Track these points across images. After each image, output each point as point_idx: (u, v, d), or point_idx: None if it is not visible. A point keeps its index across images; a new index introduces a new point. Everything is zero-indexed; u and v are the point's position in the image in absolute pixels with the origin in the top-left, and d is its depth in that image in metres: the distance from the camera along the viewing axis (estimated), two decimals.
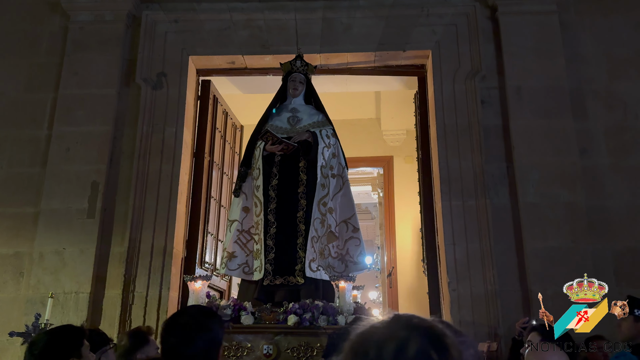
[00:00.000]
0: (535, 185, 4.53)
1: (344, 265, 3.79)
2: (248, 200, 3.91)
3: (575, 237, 4.39)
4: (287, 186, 3.73)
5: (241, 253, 3.83)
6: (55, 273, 4.47)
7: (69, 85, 4.94)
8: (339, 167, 3.98)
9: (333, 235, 3.80)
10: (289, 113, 4.03)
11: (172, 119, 4.82)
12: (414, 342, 0.89)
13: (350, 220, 3.86)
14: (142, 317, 4.37)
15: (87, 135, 4.80)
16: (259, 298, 3.60)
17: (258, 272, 3.68)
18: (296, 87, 4.10)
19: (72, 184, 4.67)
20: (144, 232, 4.55)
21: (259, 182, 3.82)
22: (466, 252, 4.45)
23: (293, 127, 3.93)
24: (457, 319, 4.32)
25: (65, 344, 2.16)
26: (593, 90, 4.85)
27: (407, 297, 6.99)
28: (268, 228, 3.67)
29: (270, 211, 3.69)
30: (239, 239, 3.87)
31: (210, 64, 5.17)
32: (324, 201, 3.74)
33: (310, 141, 3.81)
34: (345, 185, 4.01)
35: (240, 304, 3.41)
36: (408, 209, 7.05)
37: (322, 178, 3.76)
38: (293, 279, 3.58)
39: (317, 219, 3.67)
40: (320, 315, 3.20)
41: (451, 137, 4.73)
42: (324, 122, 4.01)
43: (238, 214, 3.92)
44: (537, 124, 4.68)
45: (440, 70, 4.88)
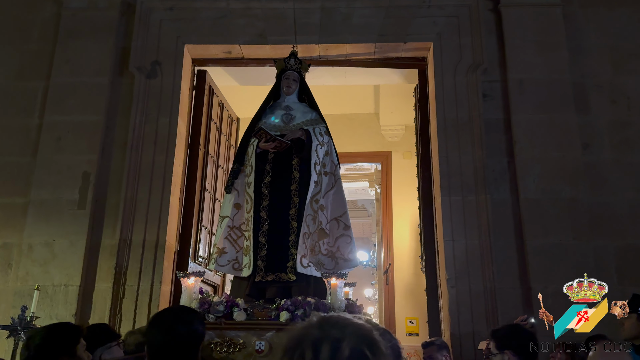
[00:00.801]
0: (536, 181, 4.44)
1: (334, 262, 3.79)
2: (240, 197, 3.90)
3: (576, 233, 4.30)
4: (280, 183, 3.74)
5: (231, 249, 3.83)
6: (45, 265, 4.37)
7: (61, 74, 4.83)
8: (331, 165, 3.98)
9: (324, 232, 3.79)
10: (282, 111, 4.03)
11: (166, 108, 4.71)
12: (348, 342, 0.92)
13: (341, 218, 3.86)
14: (133, 311, 4.26)
15: (79, 124, 4.69)
16: (250, 294, 3.61)
17: (247, 268, 3.68)
18: (290, 85, 4.09)
19: (63, 174, 4.57)
20: (136, 224, 4.45)
21: (250, 179, 3.82)
22: (465, 249, 4.36)
23: (286, 124, 3.94)
24: (455, 316, 4.23)
25: (60, 341, 2.15)
26: (596, 84, 4.76)
27: (403, 295, 6.89)
28: (260, 225, 3.66)
29: (263, 208, 3.69)
30: (229, 235, 3.86)
31: (206, 53, 5.06)
32: (316, 198, 3.75)
33: (304, 139, 3.81)
34: (337, 183, 4.00)
35: (233, 300, 3.40)
36: (406, 205, 6.94)
37: (316, 175, 3.75)
38: (285, 276, 3.60)
39: (309, 216, 3.68)
40: (312, 312, 3.16)
41: (451, 131, 4.63)
42: (317, 120, 4.02)
43: (229, 211, 3.91)
44: (539, 118, 4.59)
45: (441, 62, 4.77)
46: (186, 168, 4.98)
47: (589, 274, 4.20)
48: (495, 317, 4.15)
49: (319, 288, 3.63)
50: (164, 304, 4.42)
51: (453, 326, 4.18)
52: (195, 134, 5.06)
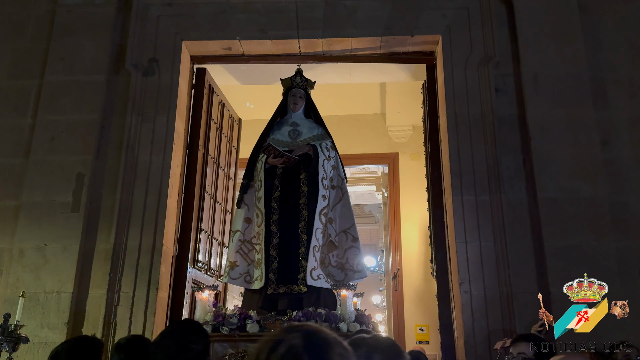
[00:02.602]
0: (553, 179, 4.20)
1: (343, 273, 3.86)
2: (250, 212, 4.00)
3: (597, 234, 4.06)
4: (289, 197, 3.83)
5: (243, 262, 3.92)
6: (36, 271, 4.17)
7: (55, 72, 4.66)
8: (338, 178, 4.07)
9: (333, 244, 3.89)
10: (289, 127, 4.14)
11: (163, 107, 4.51)
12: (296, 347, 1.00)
13: (349, 230, 3.95)
14: (129, 319, 4.05)
15: (73, 124, 4.51)
16: (262, 307, 3.69)
17: (259, 281, 3.75)
18: (296, 102, 4.20)
19: (56, 176, 4.38)
20: (132, 228, 4.24)
21: (260, 194, 3.90)
22: (479, 251, 4.12)
23: (294, 140, 4.05)
24: (469, 322, 3.98)
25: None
26: (614, 78, 4.53)
27: (413, 301, 6.65)
28: (271, 238, 3.75)
29: (273, 222, 3.78)
30: (240, 248, 3.95)
31: (205, 50, 4.87)
32: (325, 212, 3.84)
33: (311, 154, 3.91)
34: (344, 196, 4.08)
35: (246, 313, 3.49)
36: (414, 208, 6.73)
37: (323, 189, 3.85)
38: (296, 288, 3.67)
39: (319, 229, 3.76)
40: (323, 323, 3.27)
41: (463, 128, 4.40)
42: (324, 135, 4.12)
43: (240, 225, 4.02)
44: (555, 114, 4.35)
45: (450, 56, 4.56)
46: (185, 169, 4.78)
47: (612, 277, 4.01)
48: (512, 324, 3.91)
49: (329, 299, 3.70)
50: (161, 311, 4.21)
51: (467, 333, 3.93)
52: (195, 134, 4.86)
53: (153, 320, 4.04)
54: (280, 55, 4.92)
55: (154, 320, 4.04)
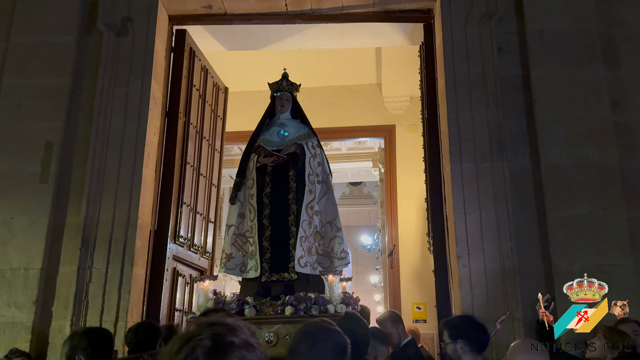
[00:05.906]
0: (560, 144, 3.88)
1: (329, 260, 4.17)
2: (243, 207, 4.25)
3: (607, 203, 3.76)
4: (279, 193, 4.11)
5: (238, 254, 4.18)
6: (2, 246, 3.92)
7: (22, 33, 4.34)
8: (323, 174, 4.33)
9: (319, 234, 4.20)
10: (277, 127, 4.38)
11: (138, 69, 4.19)
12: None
13: (334, 221, 4.25)
14: (101, 297, 3.78)
15: (41, 89, 4.21)
16: (258, 293, 3.92)
17: (254, 270, 3.99)
18: (283, 104, 4.40)
19: (23, 144, 4.09)
20: (104, 199, 3.95)
21: (253, 191, 4.14)
22: (479, 222, 3.83)
23: (282, 140, 4.33)
24: (468, 299, 3.70)
25: None
26: (626, 35, 4.19)
27: (410, 278, 6.38)
28: (263, 231, 4.03)
29: (265, 216, 4.06)
30: (235, 241, 4.20)
31: (183, 9, 4.52)
32: (311, 205, 4.12)
33: (298, 152, 4.18)
34: (329, 190, 4.34)
35: (244, 299, 3.73)
36: (411, 183, 6.41)
37: (310, 184, 4.16)
38: (287, 275, 3.95)
39: (305, 221, 4.06)
40: (313, 306, 3.57)
41: (462, 90, 4.08)
42: (310, 134, 4.38)
43: (235, 220, 4.25)
44: (562, 74, 4.02)
45: (449, 12, 4.21)
46: (164, 138, 4.47)
47: (623, 249, 3.71)
48: (515, 300, 3.62)
49: (317, 284, 3.95)
50: (138, 288, 3.93)
51: (466, 310, 3.64)
52: (174, 101, 4.54)
53: (128, 299, 3.77)
54: (265, 14, 4.58)
55: (128, 299, 3.76)
